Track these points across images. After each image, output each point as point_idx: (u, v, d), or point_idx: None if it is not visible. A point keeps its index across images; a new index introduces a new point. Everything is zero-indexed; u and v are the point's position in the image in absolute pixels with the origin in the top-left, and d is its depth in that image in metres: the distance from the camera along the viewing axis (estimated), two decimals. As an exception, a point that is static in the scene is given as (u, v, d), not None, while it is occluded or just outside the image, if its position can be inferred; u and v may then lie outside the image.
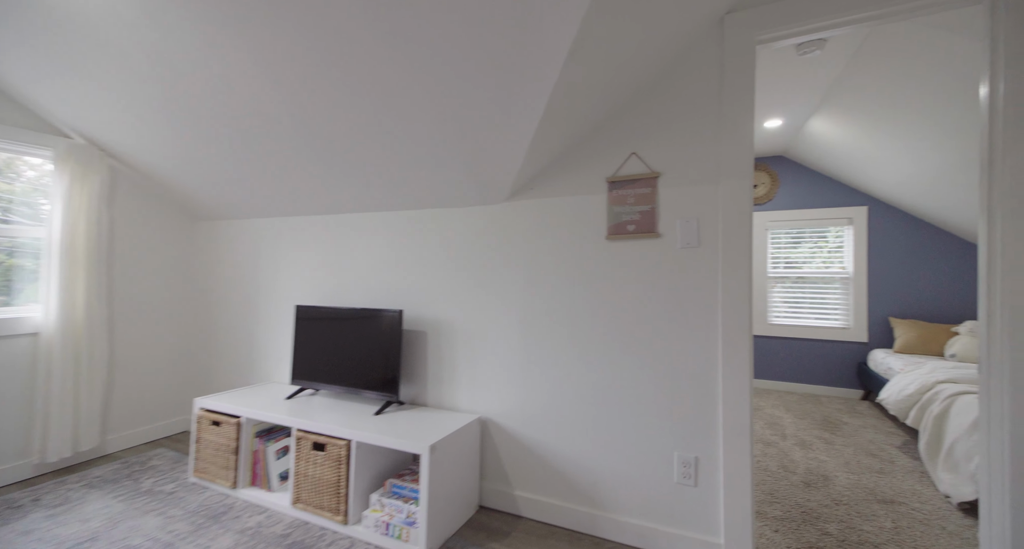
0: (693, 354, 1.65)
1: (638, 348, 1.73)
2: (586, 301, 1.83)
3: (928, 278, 3.54)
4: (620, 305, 1.77)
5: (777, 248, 4.12)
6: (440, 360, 2.12)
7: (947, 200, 3.05)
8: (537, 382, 1.90)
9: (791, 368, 3.98)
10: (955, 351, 3.06)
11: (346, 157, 1.93)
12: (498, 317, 2.00)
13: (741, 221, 1.59)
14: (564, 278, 1.87)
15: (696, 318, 1.65)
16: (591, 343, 1.81)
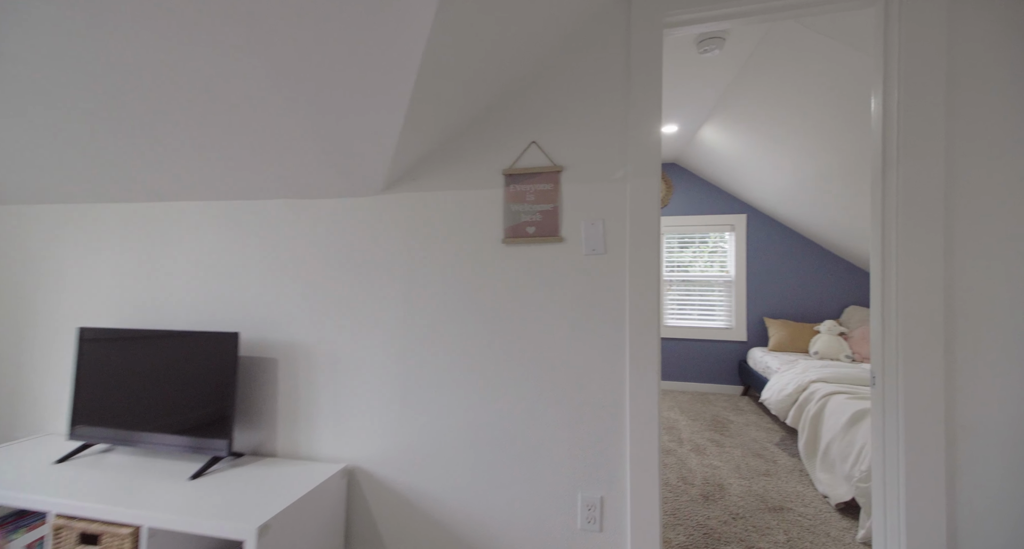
0: (599, 378, 1.42)
1: (538, 372, 1.46)
2: (478, 317, 1.51)
3: (795, 281, 3.91)
4: (518, 322, 1.48)
5: (670, 252, 4.27)
6: (295, 395, 1.65)
7: (811, 210, 3.35)
8: (419, 418, 1.54)
9: (683, 368, 4.14)
10: (818, 349, 3.38)
11: (168, 128, 1.36)
12: (371, 338, 1.59)
13: (649, 225, 1.41)
14: (453, 289, 1.53)
15: (602, 336, 1.43)
16: (484, 368, 1.50)
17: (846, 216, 3.04)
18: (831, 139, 2.41)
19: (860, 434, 1.99)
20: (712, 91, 2.62)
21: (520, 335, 1.48)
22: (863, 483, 1.80)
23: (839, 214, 3.07)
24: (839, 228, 3.30)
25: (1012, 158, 1.16)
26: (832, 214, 3.16)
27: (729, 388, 4.02)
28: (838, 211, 3.03)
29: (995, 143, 1.17)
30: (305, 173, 1.53)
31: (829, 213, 3.17)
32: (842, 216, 3.08)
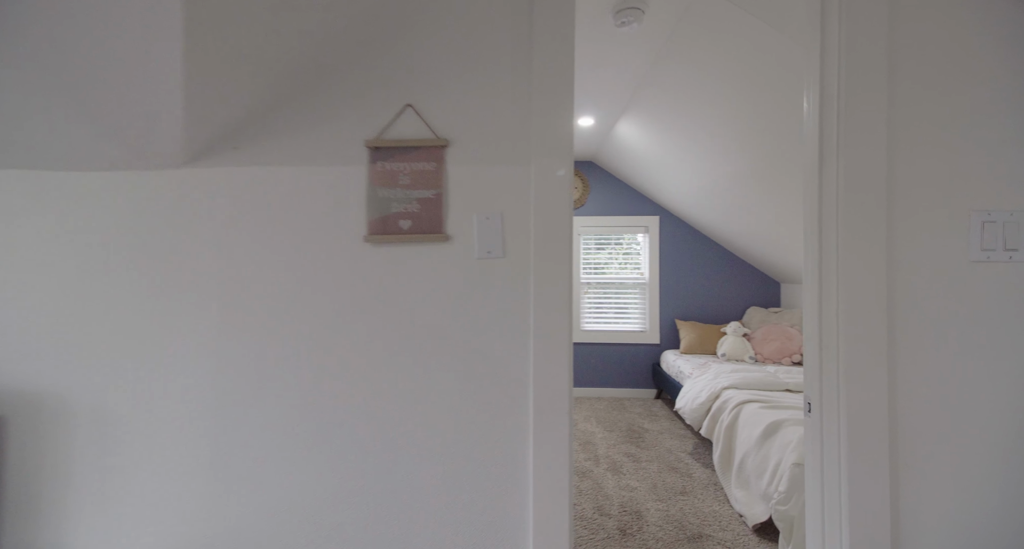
0: (492, 430, 1.07)
1: (413, 425, 1.07)
2: (331, 349, 1.07)
3: (703, 283, 3.97)
4: (385, 353, 1.08)
5: (587, 254, 4.12)
6: (36, 472, 1.07)
7: (720, 213, 3.37)
8: (240, 493, 1.06)
9: (599, 373, 4.02)
10: (725, 350, 3.41)
11: None
12: (166, 382, 1.07)
13: (559, 221, 1.08)
14: (293, 309, 1.08)
15: (499, 371, 1.08)
16: (338, 419, 1.07)
17: (753, 219, 3.07)
18: (745, 140, 2.33)
19: (775, 448, 1.89)
20: (629, 78, 2.43)
21: (388, 369, 1.07)
22: (781, 506, 1.68)
23: (747, 217, 3.10)
24: (745, 231, 3.36)
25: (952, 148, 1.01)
26: (740, 217, 3.19)
27: (644, 392, 3.97)
28: (746, 214, 3.06)
29: (936, 132, 1.02)
30: (40, 128, 0.96)
31: (737, 216, 3.20)
32: (749, 219, 3.11)
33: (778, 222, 2.87)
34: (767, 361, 3.32)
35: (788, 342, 3.28)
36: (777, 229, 2.96)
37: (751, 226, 3.19)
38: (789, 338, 3.30)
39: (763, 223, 2.99)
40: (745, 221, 3.17)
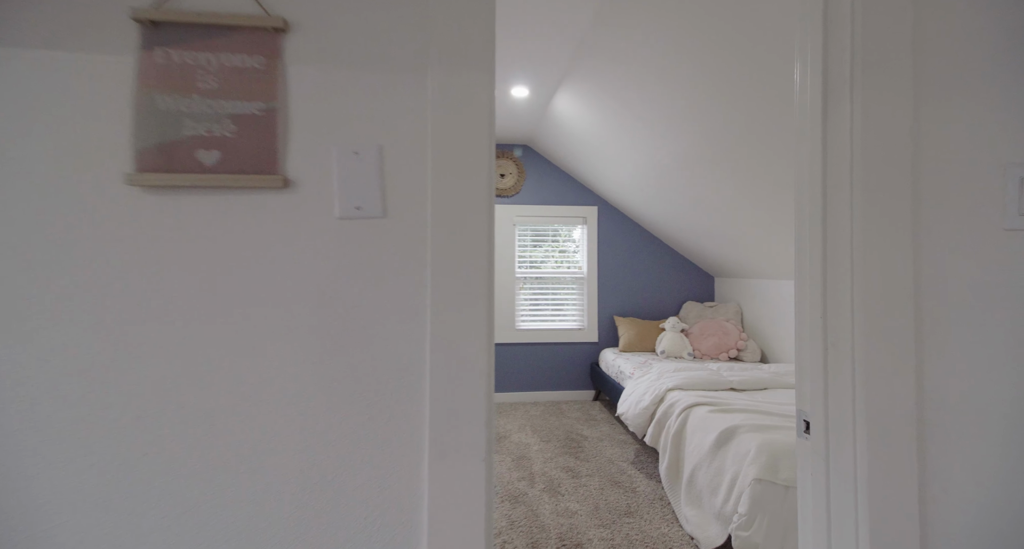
0: (363, 476, 0.66)
1: (223, 474, 0.63)
2: (74, 362, 0.60)
3: (642, 278, 3.82)
4: (170, 367, 0.62)
5: (522, 246, 3.79)
6: None
7: (657, 202, 3.20)
8: None
9: (535, 376, 3.71)
10: (664, 347, 3.26)
11: None
12: None
13: (475, 166, 0.70)
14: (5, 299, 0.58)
15: (372, 400, 0.67)
16: (106, 474, 0.59)
17: (694, 207, 2.92)
18: (693, 116, 2.11)
19: (730, 459, 1.67)
20: (567, 42, 2.12)
21: (180, 398, 0.62)
22: (743, 531, 1.44)
23: (687, 205, 2.94)
24: (683, 221, 3.22)
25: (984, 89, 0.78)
26: (679, 205, 3.03)
27: (582, 393, 3.73)
28: (687, 201, 2.90)
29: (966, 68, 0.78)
30: None
31: (677, 203, 3.04)
32: (689, 207, 2.96)
33: (723, 208, 2.73)
34: (705, 357, 3.21)
35: (725, 337, 3.20)
36: (719, 217, 2.83)
37: (690, 215, 3.04)
38: (726, 333, 3.21)
39: (704, 211, 2.85)
40: (684, 210, 3.02)
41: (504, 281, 3.67)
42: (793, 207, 0.85)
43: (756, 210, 2.42)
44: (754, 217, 2.49)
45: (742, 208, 2.48)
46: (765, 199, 2.28)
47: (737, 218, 2.62)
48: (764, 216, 2.42)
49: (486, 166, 0.69)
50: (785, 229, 2.38)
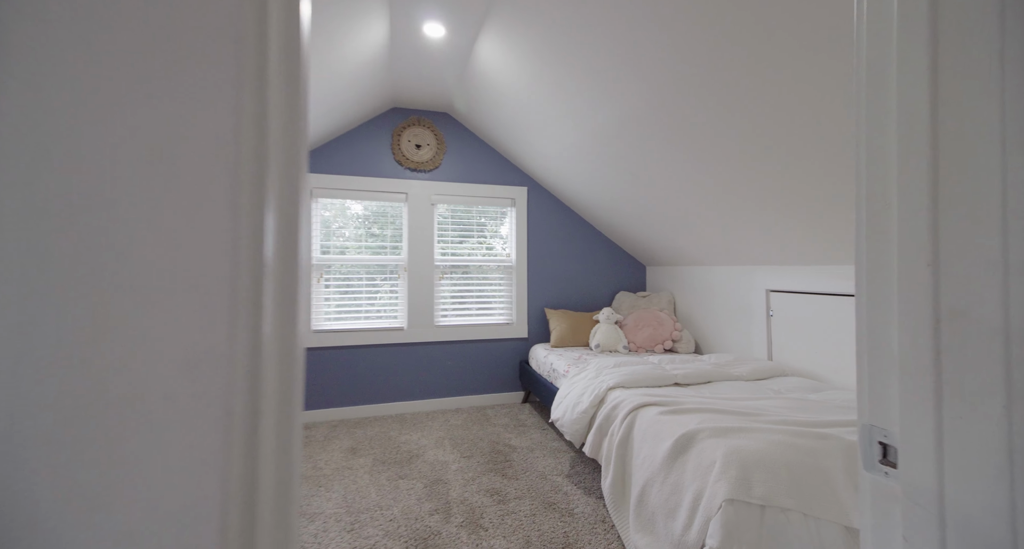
0: None
1: None
2: None
3: (574, 266, 3.52)
4: None
5: (442, 230, 3.30)
6: None
7: (590, 180, 2.91)
8: None
9: (458, 379, 3.24)
10: (599, 341, 2.97)
11: None
12: None
13: None
14: None
15: None
16: None
17: (629, 187, 2.65)
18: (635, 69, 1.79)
19: (690, 473, 1.35)
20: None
21: None
22: (717, 570, 1.11)
23: (622, 184, 2.67)
24: (618, 203, 2.96)
25: None
26: (613, 184, 2.75)
27: (511, 396, 3.33)
28: (622, 180, 2.62)
29: None
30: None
31: (610, 183, 2.75)
32: (624, 187, 2.69)
33: (663, 184, 2.48)
34: (640, 349, 2.98)
35: (660, 328, 2.99)
36: (658, 195, 2.59)
37: (626, 195, 2.78)
38: (660, 323, 3.01)
39: (642, 189, 2.59)
40: (620, 189, 2.75)
41: (422, 271, 3.15)
42: (854, 177, 0.48)
43: (703, 186, 2.19)
44: (699, 195, 2.27)
45: (685, 184, 2.24)
46: (716, 174, 2.04)
47: (678, 197, 2.39)
48: (712, 194, 2.20)
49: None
50: (736, 209, 2.18)
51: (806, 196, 1.82)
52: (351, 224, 3.11)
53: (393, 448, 2.47)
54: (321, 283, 3.00)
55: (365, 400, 3.03)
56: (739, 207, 2.14)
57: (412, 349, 3.14)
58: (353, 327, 3.03)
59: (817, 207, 1.83)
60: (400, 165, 3.12)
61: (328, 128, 2.81)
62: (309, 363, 2.94)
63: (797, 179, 1.77)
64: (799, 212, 1.92)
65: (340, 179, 2.98)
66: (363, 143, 3.05)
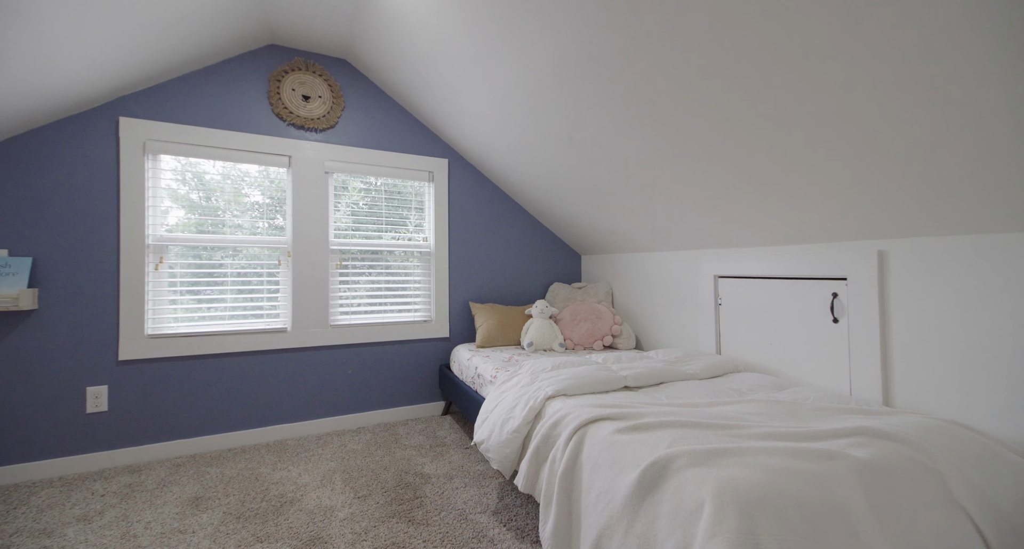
0: None
1: None
2: None
3: (504, 254, 3.07)
4: None
5: (339, 206, 2.66)
6: None
7: (522, 150, 2.48)
8: None
9: (361, 392, 2.62)
10: (532, 338, 2.54)
11: None
12: None
13: None
14: None
15: None
16: None
17: (563, 156, 2.25)
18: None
19: (664, 518, 0.94)
20: None
21: None
22: None
23: (556, 151, 2.27)
24: (551, 178, 2.56)
25: None
26: (547, 153, 2.34)
27: (428, 408, 2.79)
28: (557, 144, 2.21)
29: None
30: None
31: (543, 151, 2.34)
32: (558, 156, 2.29)
33: (604, 150, 2.11)
34: (578, 347, 2.61)
35: (598, 322, 2.65)
36: (597, 165, 2.22)
37: (561, 167, 2.39)
38: (598, 316, 2.67)
39: (578, 159, 2.21)
40: (554, 158, 2.35)
41: (312, 257, 2.49)
42: None
43: (646, 153, 1.84)
44: (641, 163, 1.93)
45: (626, 149, 1.89)
46: (661, 138, 1.70)
47: (619, 166, 2.03)
48: (655, 163, 1.86)
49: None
50: (682, 181, 1.86)
51: (761, 167, 1.54)
52: (214, 195, 2.36)
53: (258, 492, 1.81)
54: (161, 269, 2.21)
55: (229, 426, 2.30)
56: (686, 180, 1.84)
57: (299, 356, 2.46)
58: (214, 329, 2.28)
59: (773, 179, 1.56)
60: (281, 120, 2.43)
61: (169, 58, 2.06)
62: (147, 380, 2.15)
63: (751, 148, 1.48)
64: (754, 186, 1.65)
65: (191, 131, 2.22)
66: (226, 87, 2.31)
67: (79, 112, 2.04)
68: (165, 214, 2.24)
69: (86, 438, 2.04)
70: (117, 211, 2.11)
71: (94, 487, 1.87)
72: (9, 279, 1.91)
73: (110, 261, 2.09)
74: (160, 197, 2.22)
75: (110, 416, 2.09)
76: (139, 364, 2.14)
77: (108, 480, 1.93)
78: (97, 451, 2.06)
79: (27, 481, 1.93)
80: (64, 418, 2.01)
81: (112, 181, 2.10)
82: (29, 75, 1.68)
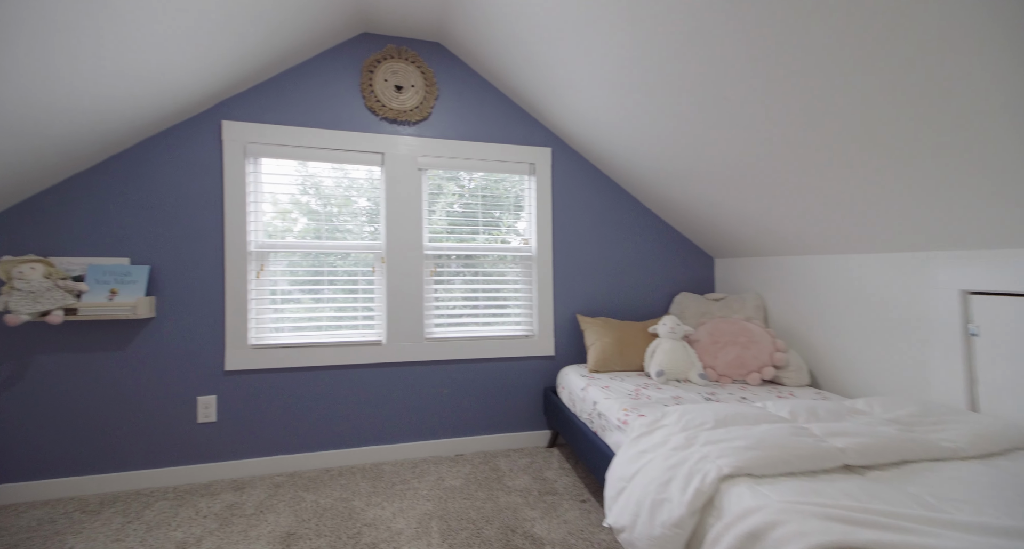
0: None
1: None
2: None
3: (619, 259, 2.58)
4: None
5: (436, 206, 2.40)
6: None
7: (644, 135, 1.96)
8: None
9: (458, 414, 2.34)
10: (663, 366, 2.02)
11: None
12: None
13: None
14: None
15: None
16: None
17: (702, 136, 1.70)
18: None
19: None
20: None
21: None
22: None
23: (692, 133, 1.72)
24: (682, 164, 2.01)
25: None
26: (677, 135, 1.80)
27: (531, 437, 2.42)
28: (693, 126, 1.67)
29: None
30: None
31: (671, 134, 1.81)
32: (694, 138, 1.74)
33: (757, 130, 1.52)
34: (723, 378, 2.03)
35: (751, 346, 2.03)
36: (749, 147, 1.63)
37: (696, 150, 1.84)
38: (751, 339, 2.05)
39: (723, 139, 1.64)
40: (688, 143, 1.81)
41: (406, 263, 2.26)
42: None
43: (826, 122, 1.23)
44: (819, 137, 1.31)
45: (796, 120, 1.29)
46: (848, 101, 1.09)
47: (783, 143, 1.43)
48: (843, 137, 1.24)
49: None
50: (889, 154, 1.22)
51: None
52: (308, 197, 2.24)
53: (350, 537, 1.59)
54: (262, 277, 2.14)
55: (325, 444, 2.16)
56: (892, 153, 1.18)
57: (394, 372, 2.26)
58: (311, 340, 2.16)
59: None
60: (374, 114, 2.23)
61: (269, 56, 1.94)
62: (249, 392, 2.09)
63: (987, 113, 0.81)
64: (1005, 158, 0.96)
65: (288, 132, 2.11)
66: (320, 81, 2.16)
67: (185, 119, 2.02)
68: (266, 219, 2.16)
69: (197, 448, 2.03)
70: (222, 217, 2.06)
71: (199, 505, 1.81)
72: (130, 287, 1.93)
73: (216, 268, 2.06)
74: (261, 201, 2.15)
75: (218, 427, 2.06)
76: (243, 375, 2.09)
77: (213, 497, 1.88)
78: (206, 462, 2.04)
79: (148, 488, 1.95)
80: (178, 427, 2.01)
81: (217, 186, 2.06)
82: (138, 88, 1.64)
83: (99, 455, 1.93)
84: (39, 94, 1.41)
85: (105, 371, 1.94)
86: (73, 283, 1.85)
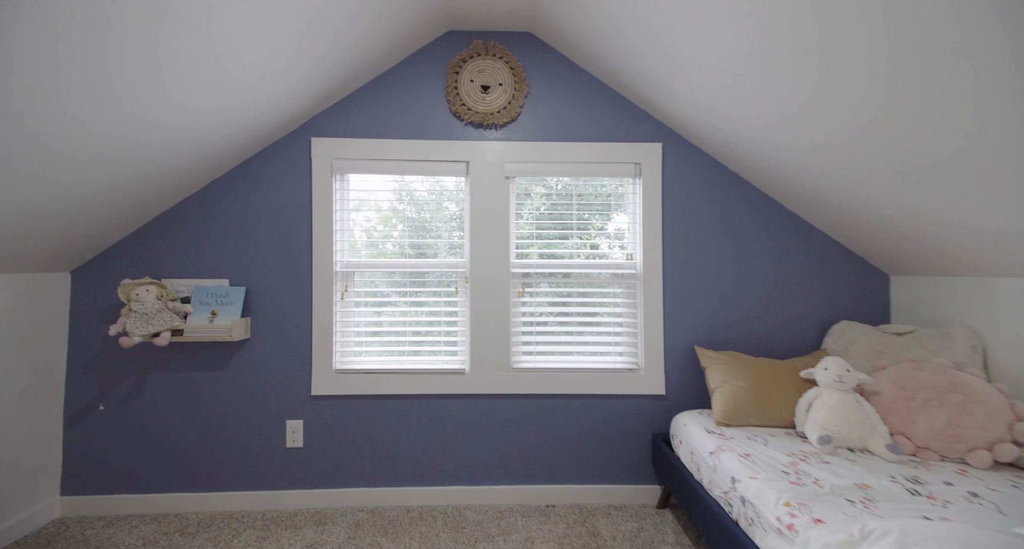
0: None
1: None
2: None
3: (746, 275, 2.07)
4: None
5: (523, 218, 2.13)
6: None
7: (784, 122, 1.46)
8: None
9: (549, 457, 2.03)
10: (827, 429, 1.49)
11: None
12: None
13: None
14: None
15: None
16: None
17: (865, 113, 1.17)
18: None
19: None
20: None
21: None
22: None
23: (850, 113, 1.20)
24: (836, 154, 1.47)
25: None
26: (830, 118, 1.28)
27: (637, 493, 2.02)
28: (851, 104, 1.15)
29: None
30: None
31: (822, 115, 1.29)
32: (854, 118, 1.21)
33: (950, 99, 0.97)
34: (925, 452, 1.43)
35: (972, 407, 1.41)
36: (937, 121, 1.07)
37: (856, 134, 1.30)
38: (969, 396, 1.43)
39: (896, 114, 1.10)
40: (844, 125, 1.28)
41: (491, 283, 2.02)
42: None
43: None
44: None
45: None
46: None
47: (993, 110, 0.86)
48: None
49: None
50: None
51: None
52: (390, 213, 2.12)
53: (425, 612, 1.36)
54: (347, 298, 2.05)
55: (406, 479, 2.00)
56: None
57: (478, 404, 2.02)
58: (393, 366, 2.02)
59: None
60: (459, 118, 2.02)
61: (358, 64, 1.84)
62: (333, 419, 2.01)
63: None
64: None
65: (370, 145, 2.00)
66: (404, 87, 2.02)
67: (278, 138, 2.01)
68: (352, 238, 2.07)
69: (285, 473, 1.99)
70: (310, 236, 2.01)
71: (282, 540, 1.74)
72: (228, 309, 1.95)
73: (304, 288, 2.01)
74: (347, 219, 2.06)
75: (304, 453, 2.00)
76: (328, 400, 2.01)
77: (296, 531, 1.80)
78: (292, 489, 1.99)
79: (239, 512, 1.95)
80: (269, 450, 1.99)
81: (306, 205, 2.01)
82: (237, 115, 1.61)
83: (198, 474, 1.98)
84: (156, 124, 1.41)
85: (204, 390, 1.99)
86: (181, 305, 1.91)
